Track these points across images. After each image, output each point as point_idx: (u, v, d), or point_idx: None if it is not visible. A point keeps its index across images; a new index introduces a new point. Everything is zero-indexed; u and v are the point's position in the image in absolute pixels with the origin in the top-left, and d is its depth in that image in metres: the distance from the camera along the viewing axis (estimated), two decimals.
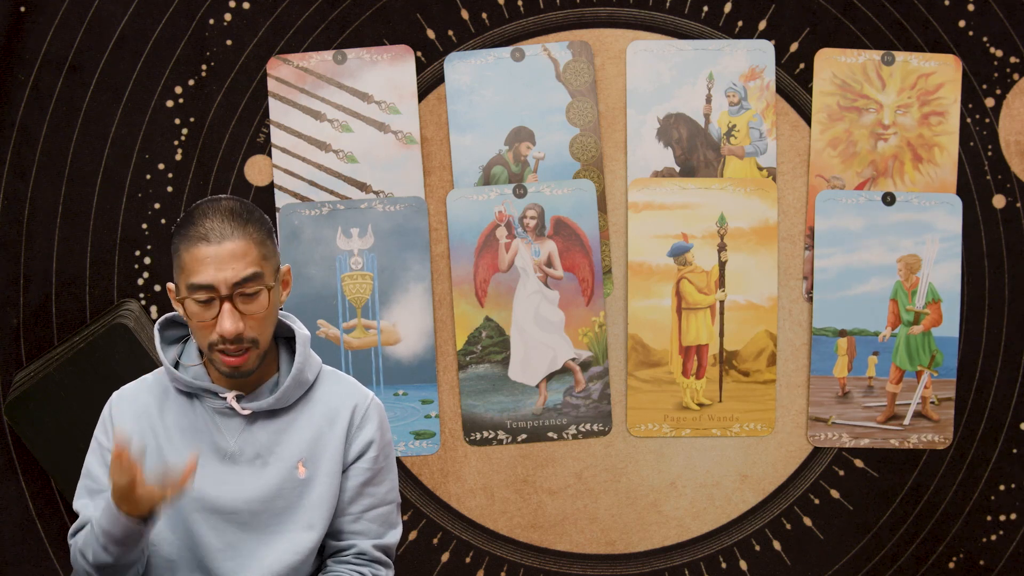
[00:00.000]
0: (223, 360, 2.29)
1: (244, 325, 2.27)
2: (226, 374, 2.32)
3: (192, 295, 2.27)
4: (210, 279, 2.25)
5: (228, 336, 2.26)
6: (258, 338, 2.30)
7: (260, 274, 2.29)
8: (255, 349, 2.30)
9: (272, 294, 2.31)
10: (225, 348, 2.27)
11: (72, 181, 3.54)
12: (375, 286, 3.61)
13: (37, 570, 3.58)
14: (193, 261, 2.27)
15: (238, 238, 2.27)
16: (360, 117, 3.60)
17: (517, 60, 3.60)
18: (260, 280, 2.29)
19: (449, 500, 3.66)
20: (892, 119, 3.62)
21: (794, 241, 3.65)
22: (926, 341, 3.65)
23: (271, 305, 2.31)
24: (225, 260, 2.26)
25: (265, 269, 2.30)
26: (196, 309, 2.27)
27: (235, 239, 2.27)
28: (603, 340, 3.64)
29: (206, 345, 2.30)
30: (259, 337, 2.30)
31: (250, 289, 2.27)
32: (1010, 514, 3.69)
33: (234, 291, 2.26)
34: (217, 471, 2.34)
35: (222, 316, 2.25)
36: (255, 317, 2.28)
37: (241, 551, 2.34)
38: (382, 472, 2.43)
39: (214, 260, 2.25)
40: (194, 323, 2.29)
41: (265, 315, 2.30)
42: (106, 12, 3.51)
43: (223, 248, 2.26)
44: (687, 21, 3.61)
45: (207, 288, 2.26)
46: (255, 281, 2.28)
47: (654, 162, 3.63)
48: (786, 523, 3.69)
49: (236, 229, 2.28)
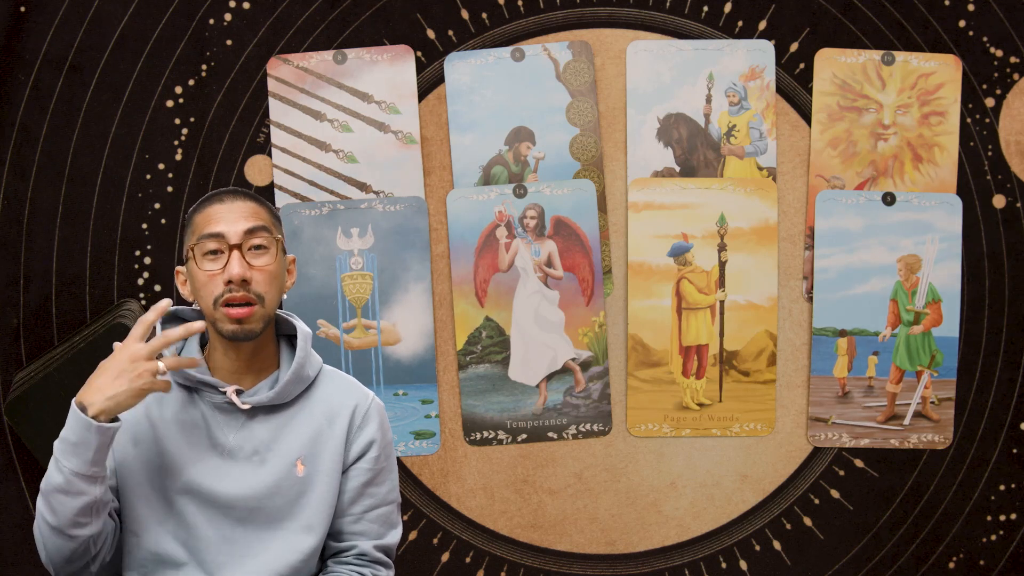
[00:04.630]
0: (228, 314, 2.30)
1: (251, 277, 2.30)
2: (230, 334, 2.31)
3: (201, 245, 2.31)
4: (221, 228, 2.31)
5: (236, 279, 2.28)
6: (264, 295, 2.32)
7: (268, 229, 2.34)
8: (260, 307, 2.31)
9: (279, 257, 2.35)
10: (231, 297, 2.29)
11: (72, 181, 3.54)
12: (375, 286, 3.61)
13: (37, 570, 3.57)
14: (205, 218, 2.34)
15: (250, 201, 2.37)
16: (360, 117, 3.60)
17: (517, 60, 3.60)
18: (269, 234, 2.34)
19: (449, 500, 3.66)
20: (892, 119, 3.62)
21: (794, 241, 3.65)
22: (926, 341, 3.65)
23: (278, 264, 2.35)
24: (236, 213, 2.33)
25: (274, 233, 2.36)
26: (204, 261, 2.31)
27: (247, 201, 2.36)
28: (603, 340, 3.64)
29: (211, 302, 2.31)
30: (265, 294, 2.32)
31: (258, 240, 2.33)
32: (1010, 514, 3.69)
33: (244, 240, 2.31)
34: (215, 466, 2.34)
35: (231, 261, 2.30)
36: (262, 271, 2.32)
37: (237, 546, 2.34)
38: (383, 472, 2.43)
39: (226, 213, 2.33)
40: (201, 278, 2.31)
41: (272, 271, 2.33)
42: (106, 12, 3.51)
43: (235, 204, 2.34)
44: (687, 21, 3.61)
45: (217, 236, 2.30)
46: (264, 233, 2.33)
47: (654, 162, 3.63)
48: (786, 523, 3.69)
49: (248, 197, 2.37)
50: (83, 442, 2.19)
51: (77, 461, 2.20)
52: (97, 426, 2.19)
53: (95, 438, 2.19)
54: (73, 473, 2.20)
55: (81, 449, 2.19)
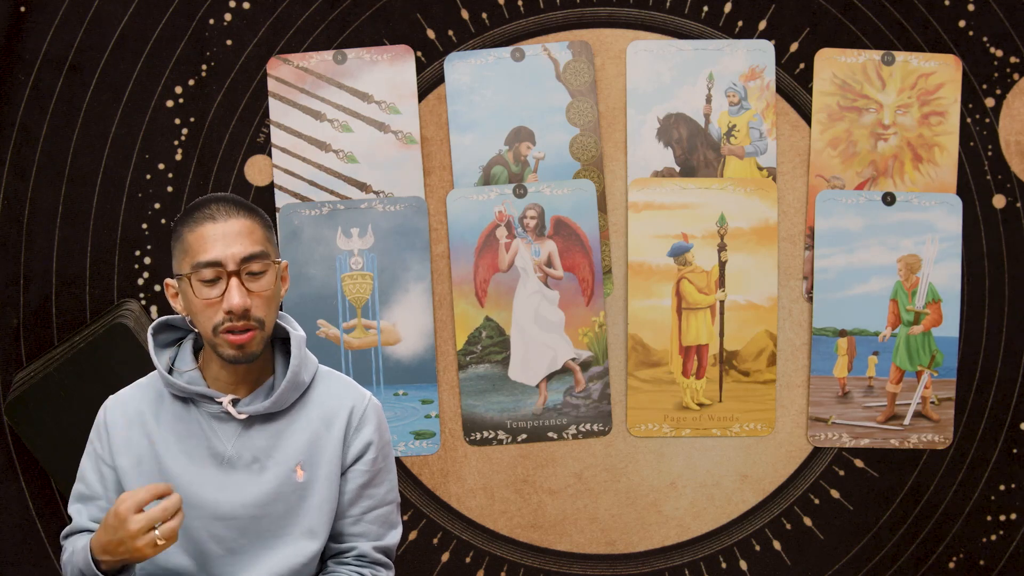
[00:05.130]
0: (229, 340, 2.27)
1: (251, 304, 2.26)
2: (231, 358, 2.29)
3: (198, 273, 2.26)
4: (218, 255, 2.26)
5: (236, 310, 2.25)
6: (263, 319, 2.29)
7: (266, 253, 2.29)
8: (260, 331, 2.29)
9: (276, 274, 2.32)
10: (232, 326, 2.26)
11: (72, 181, 3.54)
12: (375, 286, 3.61)
13: (37, 570, 3.58)
14: (199, 240, 2.27)
15: (244, 217, 2.30)
16: (360, 117, 3.60)
17: (517, 60, 3.60)
18: (266, 258, 2.29)
19: (449, 500, 3.66)
20: (892, 119, 3.62)
21: (794, 241, 3.65)
22: (926, 341, 3.65)
23: (275, 284, 2.31)
24: (232, 237, 2.27)
25: (269, 251, 2.31)
26: (202, 288, 2.27)
27: (241, 218, 2.29)
28: (603, 340, 3.64)
29: (211, 328, 2.28)
30: (264, 318, 2.29)
31: (256, 267, 2.28)
32: (1010, 514, 3.69)
33: (241, 267, 2.26)
34: (215, 477, 2.34)
35: (230, 291, 2.25)
36: (261, 295, 2.28)
37: (243, 556, 2.34)
38: (381, 473, 2.43)
39: (222, 237, 2.26)
40: (199, 305, 2.28)
41: (270, 295, 2.30)
42: (106, 12, 3.51)
43: (230, 225, 2.27)
44: (687, 21, 3.61)
45: (214, 265, 2.26)
46: (262, 259, 2.28)
47: (654, 162, 3.63)
48: (786, 523, 3.69)
49: (241, 210, 2.30)
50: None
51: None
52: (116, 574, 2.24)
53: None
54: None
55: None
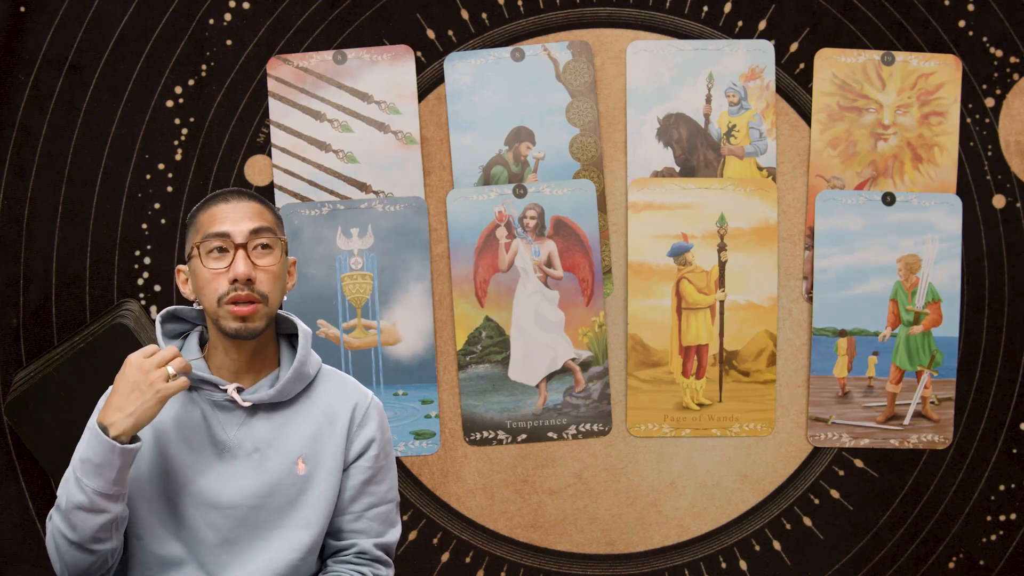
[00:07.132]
0: (232, 312, 2.32)
1: (256, 277, 2.33)
2: (234, 332, 2.33)
3: (207, 243, 2.33)
4: (226, 228, 2.34)
5: (241, 278, 2.31)
6: (268, 294, 2.34)
7: (273, 230, 2.37)
8: (264, 305, 2.34)
9: (283, 257, 2.38)
10: (236, 296, 2.31)
11: (72, 181, 3.54)
12: (375, 286, 3.61)
13: (37, 570, 3.57)
14: (210, 217, 2.36)
15: (254, 201, 2.39)
16: (360, 117, 3.60)
17: (517, 60, 3.60)
18: (273, 235, 2.36)
19: (449, 500, 3.66)
20: (892, 119, 3.62)
21: (794, 241, 3.65)
22: (926, 341, 3.65)
23: (281, 264, 2.37)
24: (242, 213, 2.35)
25: (278, 234, 2.39)
26: (210, 259, 2.33)
27: (251, 201, 2.39)
28: (603, 340, 3.64)
29: (215, 299, 2.33)
30: (268, 293, 2.34)
31: (263, 240, 2.35)
32: (1010, 514, 3.69)
33: (249, 240, 2.33)
34: (214, 465, 2.35)
35: (236, 260, 2.32)
36: (267, 271, 2.34)
37: (239, 547, 2.34)
38: (383, 471, 2.44)
39: (232, 213, 2.35)
40: (206, 276, 2.33)
41: (276, 272, 2.36)
42: (106, 12, 3.51)
43: (240, 205, 2.37)
44: (687, 21, 3.61)
45: (223, 235, 2.33)
46: (269, 233, 2.36)
47: (654, 162, 3.63)
48: (786, 523, 3.69)
49: (252, 198, 2.40)
50: (106, 463, 2.23)
51: (100, 481, 2.23)
52: (121, 448, 2.23)
53: (118, 459, 2.23)
54: (96, 492, 2.23)
55: (104, 470, 2.23)
